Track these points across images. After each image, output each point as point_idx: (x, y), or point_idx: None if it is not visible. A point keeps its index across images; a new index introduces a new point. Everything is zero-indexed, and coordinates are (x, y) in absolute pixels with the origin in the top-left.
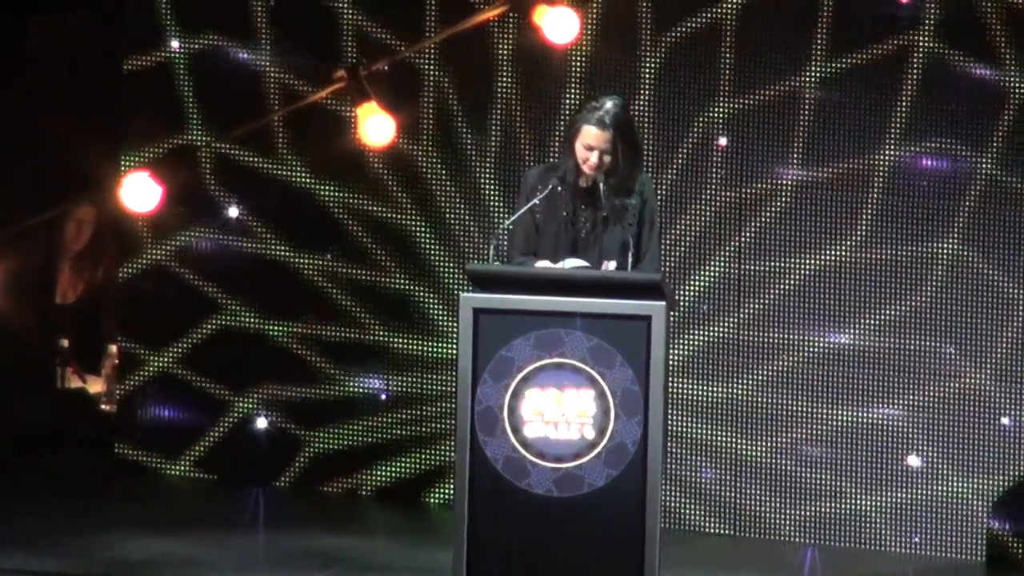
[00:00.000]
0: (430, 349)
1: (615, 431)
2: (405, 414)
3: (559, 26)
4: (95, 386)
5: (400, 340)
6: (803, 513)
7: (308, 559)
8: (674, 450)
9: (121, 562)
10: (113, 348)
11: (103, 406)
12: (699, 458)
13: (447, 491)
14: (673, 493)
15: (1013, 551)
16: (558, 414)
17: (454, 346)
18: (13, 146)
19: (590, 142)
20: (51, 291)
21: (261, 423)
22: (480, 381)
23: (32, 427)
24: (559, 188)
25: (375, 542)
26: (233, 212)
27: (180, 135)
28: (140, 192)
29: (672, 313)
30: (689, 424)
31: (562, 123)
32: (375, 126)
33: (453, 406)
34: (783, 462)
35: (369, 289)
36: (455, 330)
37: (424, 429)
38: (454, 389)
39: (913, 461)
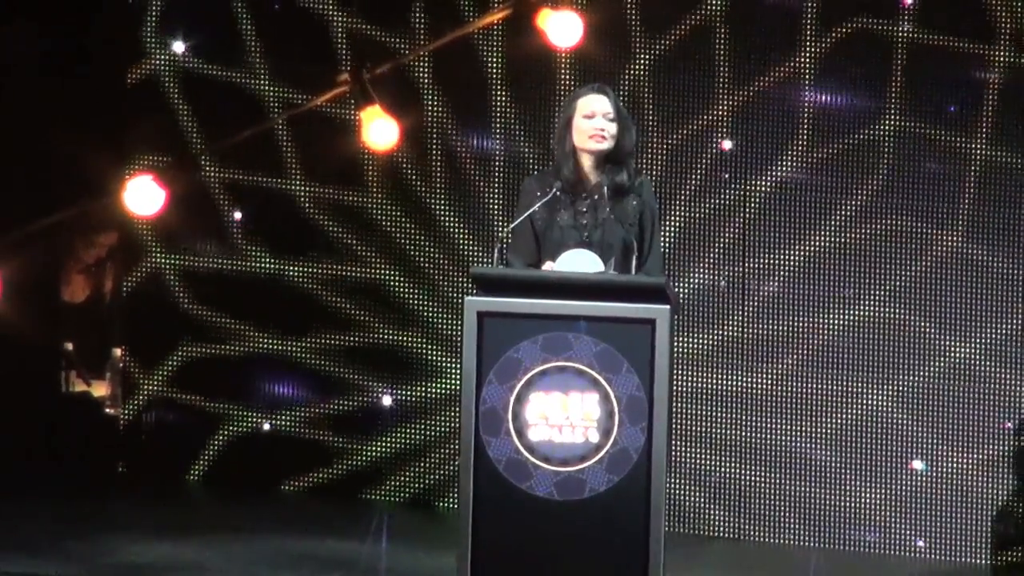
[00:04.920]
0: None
1: (619, 436)
2: (410, 423)
3: (563, 30)
4: (100, 390)
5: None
6: (807, 516)
7: (312, 563)
8: (676, 450)
9: (125, 567)
10: (117, 352)
11: (107, 410)
12: (701, 459)
13: (451, 494)
14: (674, 494)
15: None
16: (562, 417)
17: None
18: (14, 149)
19: (593, 108)
20: (56, 296)
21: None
22: (485, 382)
23: (37, 431)
24: (559, 192)
25: (379, 546)
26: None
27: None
28: (143, 196)
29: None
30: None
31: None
32: (379, 130)
33: (458, 416)
34: (786, 464)
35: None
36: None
37: (428, 434)
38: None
39: (918, 464)
